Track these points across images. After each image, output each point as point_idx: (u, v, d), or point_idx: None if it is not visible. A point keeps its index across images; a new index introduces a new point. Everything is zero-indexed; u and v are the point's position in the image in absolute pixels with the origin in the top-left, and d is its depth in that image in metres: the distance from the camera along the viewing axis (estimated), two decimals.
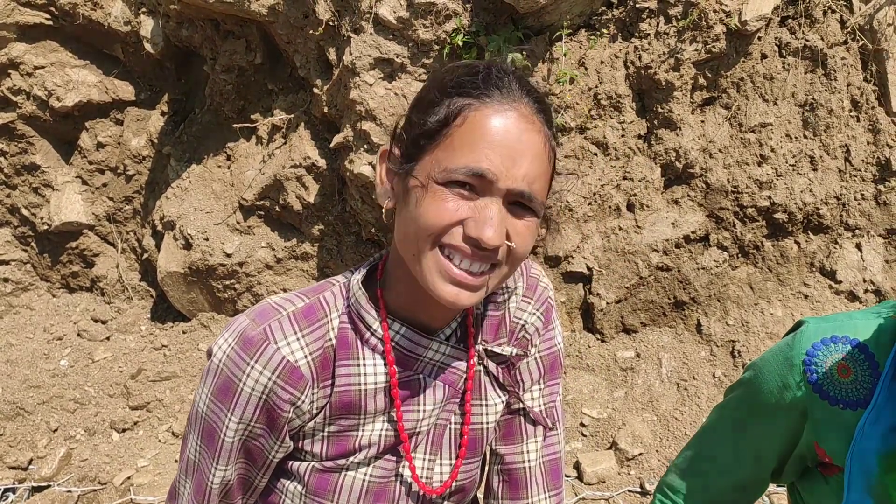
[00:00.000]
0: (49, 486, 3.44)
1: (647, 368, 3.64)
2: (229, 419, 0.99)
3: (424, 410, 1.08)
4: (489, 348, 1.12)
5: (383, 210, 1.01)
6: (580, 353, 3.73)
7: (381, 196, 1.01)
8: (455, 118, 0.92)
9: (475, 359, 1.11)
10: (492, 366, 1.13)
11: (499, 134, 0.91)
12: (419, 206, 0.92)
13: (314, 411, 1.02)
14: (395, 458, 1.09)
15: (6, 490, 3.39)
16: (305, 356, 0.99)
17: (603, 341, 3.78)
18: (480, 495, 1.33)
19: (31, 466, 3.57)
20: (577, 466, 3.27)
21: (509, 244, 0.94)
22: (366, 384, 1.03)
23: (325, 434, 1.04)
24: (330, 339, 1.02)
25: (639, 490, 3.17)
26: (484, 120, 0.91)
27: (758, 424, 1.20)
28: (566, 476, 3.25)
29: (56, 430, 3.80)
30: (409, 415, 1.07)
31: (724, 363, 3.59)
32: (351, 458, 1.05)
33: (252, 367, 0.97)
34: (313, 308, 1.03)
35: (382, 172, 1.01)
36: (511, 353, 1.13)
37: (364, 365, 1.03)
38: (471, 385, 1.11)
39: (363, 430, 1.05)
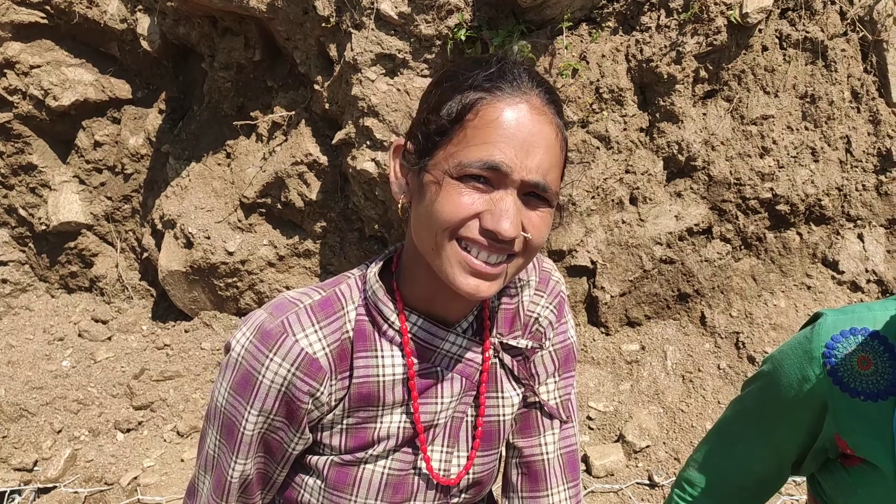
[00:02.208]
0: (55, 488, 3.43)
1: (653, 361, 3.65)
2: (248, 412, 1.00)
3: (442, 403, 1.08)
4: (504, 341, 1.12)
5: (399, 205, 1.01)
6: (585, 346, 3.74)
7: (395, 191, 1.01)
8: (467, 112, 0.93)
9: (490, 351, 1.12)
10: (507, 359, 1.14)
11: (511, 126, 0.92)
12: (435, 200, 0.93)
13: (333, 403, 1.03)
14: (412, 451, 1.09)
15: (12, 492, 3.37)
16: (323, 348, 1.00)
17: (608, 334, 3.79)
18: (495, 489, 1.33)
19: (36, 468, 3.55)
20: (585, 460, 3.29)
21: (525, 235, 0.95)
22: (384, 375, 1.04)
23: (344, 426, 1.05)
24: (347, 332, 1.03)
25: (647, 482, 3.19)
26: (496, 113, 0.92)
27: (778, 418, 1.20)
28: None
29: (60, 431, 3.78)
30: (426, 407, 1.08)
31: (728, 355, 3.61)
32: (369, 451, 1.06)
33: (271, 360, 0.98)
34: (330, 300, 1.04)
35: (396, 168, 1.02)
36: (526, 345, 1.14)
37: (382, 356, 1.04)
38: (486, 377, 1.12)
39: (381, 422, 1.06)
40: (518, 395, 1.16)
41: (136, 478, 3.47)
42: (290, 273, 4.24)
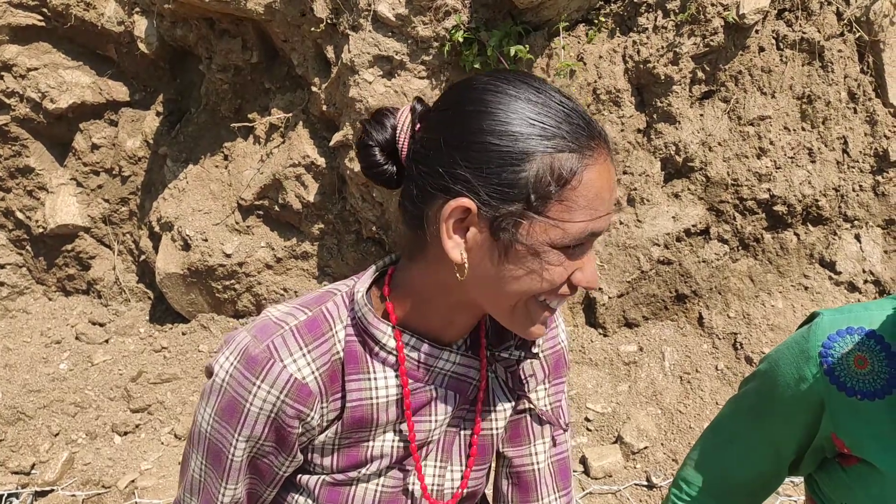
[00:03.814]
0: (53, 491, 3.42)
1: (650, 362, 3.65)
2: (237, 439, 0.97)
3: (436, 420, 1.07)
4: (497, 353, 1.10)
5: (460, 265, 0.92)
6: (583, 347, 3.74)
7: (451, 250, 0.92)
8: (570, 178, 0.87)
9: (487, 370, 1.10)
10: (500, 371, 1.12)
11: (606, 190, 0.90)
12: (534, 269, 0.90)
13: (325, 424, 1.01)
14: (406, 469, 1.08)
15: (10, 495, 3.37)
16: (313, 372, 0.96)
17: (606, 336, 3.80)
18: (489, 492, 1.32)
19: (33, 471, 3.54)
20: (583, 461, 3.29)
21: None
22: (377, 398, 1.01)
23: (336, 447, 1.03)
24: (337, 353, 1.00)
25: (645, 483, 3.19)
26: (593, 178, 0.88)
27: (775, 417, 1.20)
28: (572, 471, 3.26)
29: (57, 434, 3.78)
30: (420, 425, 1.05)
31: (726, 355, 3.61)
32: (362, 471, 1.04)
33: (258, 388, 0.94)
34: (317, 321, 1.00)
35: (450, 227, 0.91)
36: (519, 356, 1.11)
37: (374, 378, 1.01)
38: (482, 396, 1.11)
39: (374, 441, 1.04)
40: (511, 405, 1.15)
41: (133, 481, 3.46)
42: (288, 275, 4.24)
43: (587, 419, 3.50)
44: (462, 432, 1.12)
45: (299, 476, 1.06)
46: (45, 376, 4.17)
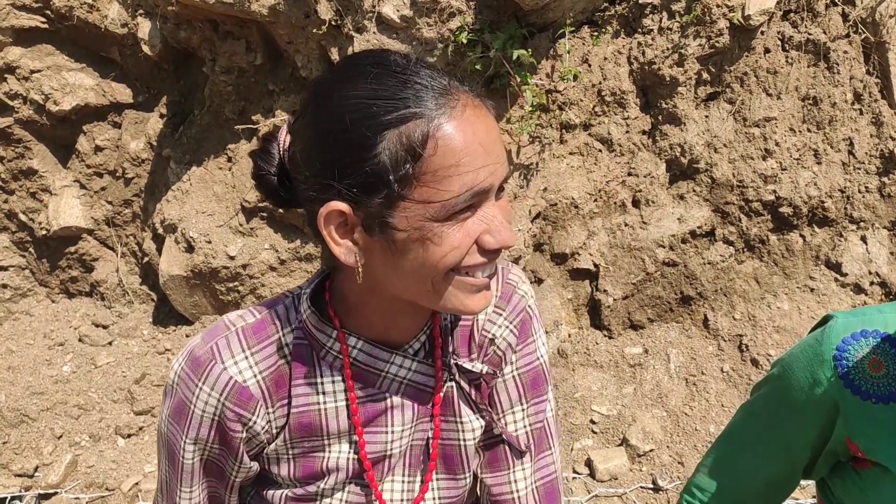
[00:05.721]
0: (56, 493, 3.41)
1: (656, 364, 3.64)
2: (185, 441, 0.97)
3: (393, 431, 1.02)
4: (460, 363, 1.05)
5: (357, 271, 0.88)
6: (588, 350, 3.73)
7: (346, 258, 0.88)
8: (423, 147, 0.80)
9: (443, 372, 1.04)
10: (464, 383, 1.06)
11: (474, 141, 0.82)
12: (428, 251, 0.84)
13: (273, 431, 0.98)
14: (367, 485, 1.04)
15: (13, 498, 3.36)
16: (255, 375, 0.95)
17: (610, 338, 3.78)
18: None
19: (36, 474, 3.54)
20: (588, 464, 3.27)
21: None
22: (325, 403, 0.98)
23: (290, 456, 1.00)
24: (284, 356, 0.97)
25: (651, 486, 3.17)
26: (454, 134, 0.81)
27: (788, 421, 1.20)
28: (578, 474, 3.25)
29: (61, 436, 3.77)
30: (376, 437, 1.02)
31: (731, 357, 3.60)
32: (321, 484, 1.01)
33: (200, 389, 0.94)
34: (264, 324, 0.98)
35: (333, 234, 0.87)
36: (481, 370, 1.06)
37: (322, 383, 0.98)
38: (439, 398, 1.04)
39: (329, 452, 1.00)
40: (478, 419, 1.08)
41: (137, 483, 3.45)
42: (292, 277, 4.23)
43: (592, 421, 3.48)
44: (425, 444, 1.07)
45: (265, 491, 1.04)
46: (48, 378, 4.17)
